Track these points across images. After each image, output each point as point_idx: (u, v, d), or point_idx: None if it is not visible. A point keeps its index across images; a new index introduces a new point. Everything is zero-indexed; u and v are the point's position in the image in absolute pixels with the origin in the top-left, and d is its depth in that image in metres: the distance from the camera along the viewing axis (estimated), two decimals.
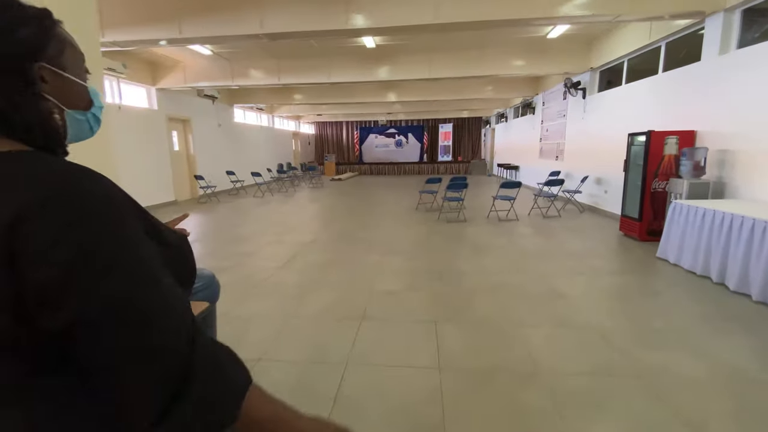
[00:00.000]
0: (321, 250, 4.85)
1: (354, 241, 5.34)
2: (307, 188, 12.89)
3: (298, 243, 5.22)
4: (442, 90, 11.64)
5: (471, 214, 7.20)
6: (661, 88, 5.66)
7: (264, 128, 15.05)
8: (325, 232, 5.96)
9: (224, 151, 11.87)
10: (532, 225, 6.25)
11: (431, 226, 6.27)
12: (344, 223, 6.71)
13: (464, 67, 8.07)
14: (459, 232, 5.80)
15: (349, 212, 7.89)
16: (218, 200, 9.81)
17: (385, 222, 6.70)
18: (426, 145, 20.30)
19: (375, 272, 3.94)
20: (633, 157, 5.35)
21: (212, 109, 11.29)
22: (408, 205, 8.53)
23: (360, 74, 8.33)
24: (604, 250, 4.76)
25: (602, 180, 7.25)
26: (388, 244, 5.08)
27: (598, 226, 6.16)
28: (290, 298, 3.29)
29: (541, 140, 10.87)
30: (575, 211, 7.50)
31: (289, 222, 6.82)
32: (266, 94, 12.15)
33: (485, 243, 5.10)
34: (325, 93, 12.05)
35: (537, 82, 11.11)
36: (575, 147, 8.60)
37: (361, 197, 10.41)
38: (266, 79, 8.61)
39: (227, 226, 6.51)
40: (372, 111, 16.07)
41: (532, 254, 4.55)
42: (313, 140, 21.28)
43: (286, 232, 5.92)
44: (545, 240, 5.25)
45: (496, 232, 5.73)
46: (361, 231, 5.99)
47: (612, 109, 7.03)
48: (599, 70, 7.75)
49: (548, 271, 3.93)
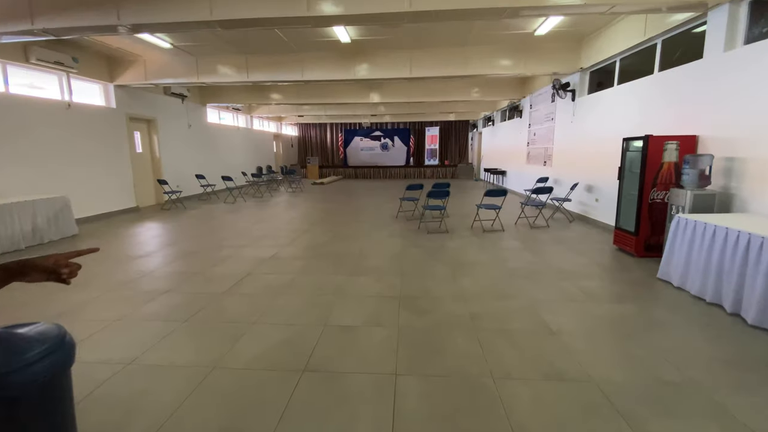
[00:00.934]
0: (279, 269, 4.23)
1: (321, 256, 4.73)
2: (285, 193, 12.23)
3: (256, 259, 4.59)
4: (426, 91, 11.14)
5: (454, 224, 6.66)
6: (658, 89, 5.20)
7: (241, 130, 14.34)
8: (291, 245, 5.34)
9: (195, 154, 11.14)
10: (519, 237, 5.73)
11: (409, 237, 5.70)
12: (315, 234, 6.10)
13: (447, 67, 7.55)
14: (439, 245, 5.24)
15: (324, 221, 7.28)
16: (184, 206, 9.09)
17: (361, 233, 6.11)
18: (412, 149, 19.80)
19: (335, 299, 3.34)
20: (628, 164, 4.88)
21: (182, 109, 10.57)
22: (388, 213, 7.96)
23: (336, 72, 7.74)
24: (598, 268, 4.25)
25: (593, 188, 6.79)
26: (359, 261, 4.49)
27: (590, 238, 5.68)
28: (220, 339, 2.67)
29: (528, 145, 10.43)
30: (564, 220, 7.03)
31: (253, 232, 6.18)
32: (241, 93, 11.47)
33: (467, 259, 4.55)
34: (304, 93, 11.43)
35: (524, 84, 10.69)
36: (564, 152, 8.15)
37: (341, 203, 9.80)
38: (235, 76, 7.95)
39: (181, 239, 5.84)
40: (356, 112, 15.50)
41: (519, 274, 4.01)
42: (296, 142, 20.60)
43: (245, 246, 5.28)
44: (533, 255, 4.72)
45: (480, 246, 5.18)
46: (331, 244, 5.38)
47: (603, 111, 6.59)
48: (589, 71, 7.32)
49: (537, 296, 3.38)
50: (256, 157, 15.48)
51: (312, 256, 4.76)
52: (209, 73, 8.00)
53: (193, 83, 8.28)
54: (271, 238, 5.73)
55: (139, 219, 7.58)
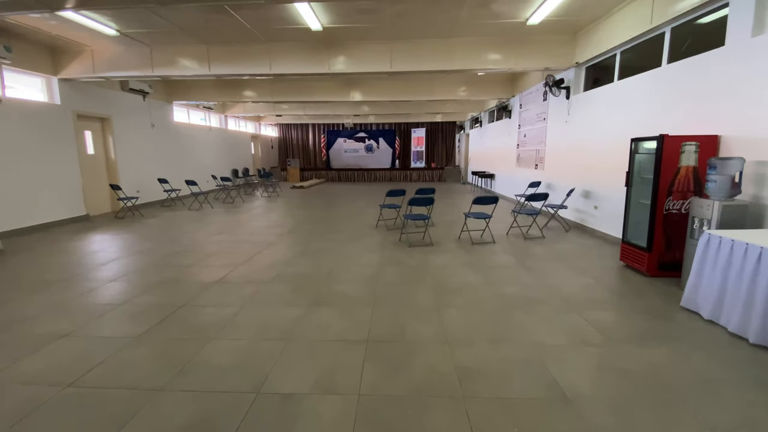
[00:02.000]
0: (222, 299, 3.44)
1: (280, 279, 3.95)
2: (260, 198, 11.36)
3: (197, 285, 3.78)
4: (410, 90, 10.45)
5: (439, 234, 5.95)
6: (667, 84, 4.59)
7: (215, 130, 13.41)
8: (247, 264, 4.54)
9: (159, 156, 10.20)
10: (513, 250, 5.05)
11: (388, 252, 4.96)
12: (280, 248, 5.31)
13: (431, 61, 6.86)
14: (421, 262, 4.52)
15: (295, 231, 6.48)
16: (141, 215, 8.17)
17: (334, 246, 5.34)
18: (398, 151, 19.11)
19: (282, 346, 2.58)
20: (637, 169, 4.24)
21: (143, 107, 9.64)
22: (368, 221, 7.20)
23: (309, 65, 6.97)
24: (609, 293, 3.58)
25: (591, 194, 6.18)
26: (325, 285, 3.72)
27: (592, 252, 5.03)
28: (97, 426, 1.88)
29: (518, 147, 9.82)
30: (560, 229, 6.40)
31: (207, 247, 5.35)
32: (211, 90, 10.59)
33: (453, 282, 3.83)
34: (279, 90, 10.62)
35: (513, 82, 10.10)
36: (557, 154, 7.54)
37: (318, 209, 9.01)
38: (195, 69, 7.11)
39: (120, 256, 4.97)
40: (338, 112, 14.72)
41: (516, 302, 3.30)
42: (276, 144, 19.69)
43: (192, 265, 4.46)
44: (530, 276, 4.03)
45: (468, 263, 4.48)
46: (297, 261, 4.60)
47: (602, 110, 5.98)
48: (585, 66, 6.72)
49: (541, 337, 2.68)
50: (231, 159, 14.55)
51: (269, 279, 3.97)
52: (166, 65, 7.14)
53: (147, 77, 7.39)
54: (226, 255, 4.91)
55: (83, 230, 6.65)
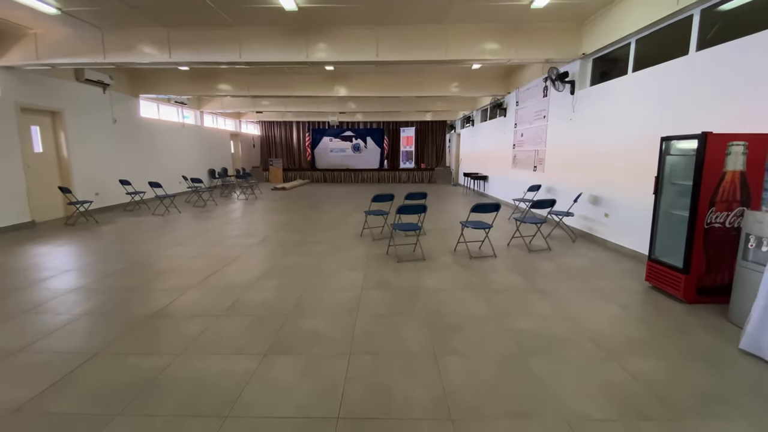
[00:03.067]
0: (150, 345, 2.63)
1: (235, 312, 3.16)
2: (236, 201, 10.48)
3: (124, 321, 2.97)
4: (399, 85, 9.72)
5: (432, 245, 5.22)
6: (696, 74, 3.95)
7: (188, 127, 12.45)
8: (199, 288, 3.74)
9: (123, 155, 9.24)
10: (518, 267, 4.36)
11: (373, 270, 4.21)
12: (244, 265, 4.51)
13: (422, 50, 6.13)
14: (412, 284, 3.78)
15: (267, 242, 5.68)
16: (96, 221, 7.24)
17: (310, 262, 4.57)
18: (386, 150, 18.37)
19: (214, 429, 1.80)
20: (668, 173, 3.58)
21: (103, 100, 8.68)
22: (353, 229, 6.44)
23: (284, 52, 6.17)
24: (646, 328, 2.89)
25: (600, 200, 5.54)
26: (290, 322, 2.95)
27: (608, 268, 4.37)
28: None
29: (514, 147, 9.18)
30: (565, 239, 5.74)
31: (158, 264, 4.52)
32: (181, 82, 9.66)
33: (452, 313, 3.10)
34: (257, 83, 9.77)
35: (509, 77, 9.46)
36: (560, 155, 6.90)
37: (298, 215, 8.21)
38: (154, 56, 6.24)
39: (45, 276, 4.10)
40: (323, 109, 13.89)
41: (535, 344, 2.59)
42: (259, 142, 18.74)
43: (129, 289, 3.63)
44: (545, 302, 3.33)
45: (469, 285, 3.76)
46: (261, 285, 3.81)
47: (614, 106, 5.34)
48: (592, 58, 6.08)
49: (577, 403, 1.96)
50: (208, 158, 13.60)
51: (221, 311, 3.18)
52: (120, 50, 6.25)
53: (99, 64, 6.48)
54: (178, 274, 4.09)
55: (21, 240, 5.73)
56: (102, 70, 8.33)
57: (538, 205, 5.01)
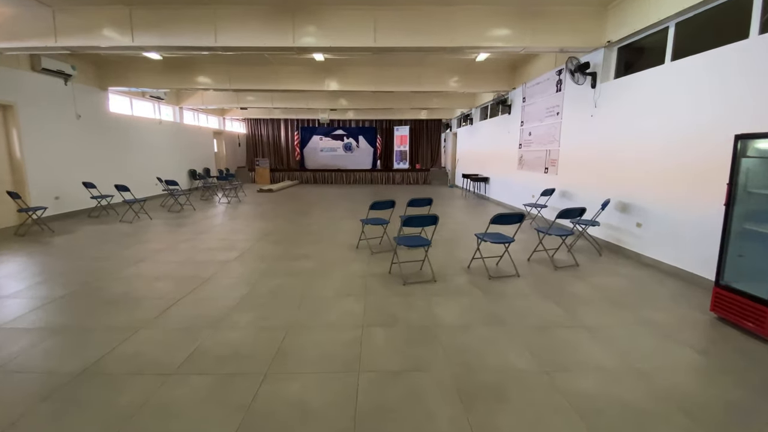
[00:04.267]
0: (50, 429, 1.82)
1: (192, 367, 2.36)
2: (218, 204, 9.59)
3: (42, 380, 2.14)
4: (395, 79, 8.96)
5: (441, 261, 4.47)
6: (761, 61, 3.28)
7: (166, 124, 11.49)
8: (152, 327, 2.92)
9: (89, 155, 8.28)
10: (548, 290, 3.63)
11: (375, 295, 3.44)
12: (216, 290, 3.69)
13: (425, 34, 5.37)
14: (425, 317, 3.02)
15: (246, 257, 4.86)
16: (51, 230, 6.31)
17: (296, 285, 3.78)
18: (379, 150, 17.58)
19: None
20: (744, 180, 2.88)
21: (65, 93, 7.72)
22: (348, 239, 5.65)
23: (268, 36, 5.35)
24: (742, 386, 2.17)
25: (630, 207, 4.86)
26: (266, 386, 2.16)
27: (653, 289, 3.67)
28: None
29: (520, 147, 8.50)
30: (589, 251, 5.05)
31: (106, 288, 3.67)
32: (155, 73, 8.73)
33: (485, 365, 2.34)
34: (240, 75, 8.89)
35: (515, 71, 8.77)
36: (577, 156, 6.22)
37: (285, 221, 7.39)
38: (113, 39, 5.35)
39: None
40: (312, 106, 13.05)
41: (608, 422, 1.85)
42: (245, 141, 17.78)
43: (61, 330, 2.79)
44: (598, 344, 2.60)
45: (496, 319, 3.01)
46: (232, 322, 3.01)
47: (647, 100, 4.66)
48: (618, 47, 5.41)
49: None
50: (188, 158, 12.64)
51: (175, 366, 2.37)
52: (74, 33, 5.35)
53: (51, 49, 5.57)
54: (129, 306, 3.26)
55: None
56: (62, 59, 7.39)
57: (565, 215, 4.30)
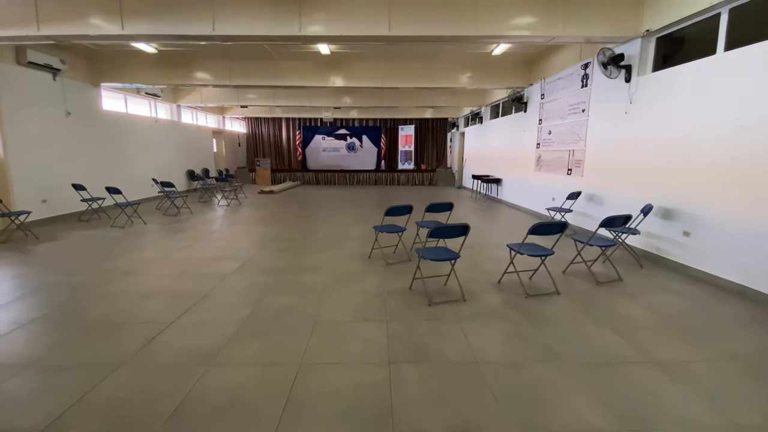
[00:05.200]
0: None
1: (173, 429, 1.86)
2: (216, 207, 9.10)
3: None
4: (405, 74, 8.46)
5: (466, 273, 3.95)
6: None
7: (162, 123, 10.99)
8: (130, 367, 2.42)
9: (79, 155, 7.79)
10: (596, 312, 3.13)
11: (397, 318, 2.94)
12: (211, 310, 3.20)
13: (444, 22, 4.88)
14: (462, 350, 2.52)
15: (244, 270, 4.37)
16: (35, 236, 5.81)
17: (302, 306, 3.28)
18: (384, 150, 17.08)
19: None
20: None
21: (54, 89, 7.22)
22: (357, 247, 5.15)
23: (271, 24, 4.85)
24: None
25: (675, 213, 4.36)
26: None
27: (716, 310, 3.17)
28: None
29: (538, 146, 8.00)
30: (627, 262, 4.55)
31: (93, 307, 3.17)
32: (151, 69, 8.24)
33: (551, 422, 1.85)
34: (240, 71, 8.40)
35: (532, 66, 8.28)
36: (607, 156, 5.72)
37: (287, 226, 6.89)
38: (101, 28, 4.85)
39: None
40: (315, 104, 12.54)
41: None
42: (245, 141, 17.29)
43: (20, 369, 2.29)
44: (682, 390, 2.10)
45: (550, 354, 2.50)
46: (229, 356, 2.51)
47: (697, 95, 4.15)
48: (656, 36, 4.91)
49: None
50: (187, 158, 12.14)
51: (162, 419, 1.87)
52: (58, 21, 4.86)
53: (32, 38, 5.06)
54: (109, 334, 2.75)
55: None
56: (50, 52, 6.90)
57: (609, 224, 3.79)
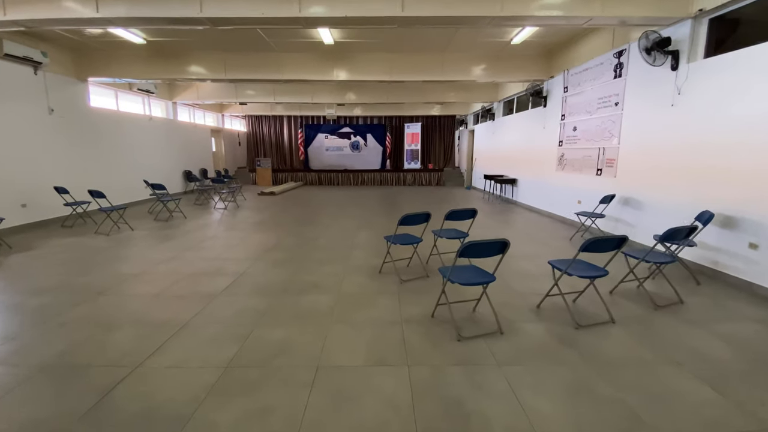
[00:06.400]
0: None
1: None
2: (213, 210, 8.51)
3: None
4: (414, 67, 7.83)
5: (497, 296, 3.32)
6: None
7: (157, 121, 10.41)
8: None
9: (64, 155, 7.22)
10: (666, 348, 2.50)
11: (420, 361, 2.32)
12: (190, 347, 2.60)
13: (464, 1, 4.26)
14: (509, 410, 1.90)
15: (236, 289, 3.77)
16: (8, 246, 5.24)
17: (306, 342, 2.67)
18: (389, 149, 16.44)
19: None
20: None
21: (35, 84, 6.65)
22: (366, 259, 4.54)
23: (265, 5, 4.24)
24: None
25: (739, 222, 3.72)
26: None
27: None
28: None
29: (561, 144, 7.35)
30: (682, 277, 3.91)
31: (52, 339, 2.57)
32: (141, 62, 7.66)
33: None
34: (237, 64, 7.80)
35: (553, 57, 7.63)
36: (646, 155, 5.07)
37: (287, 232, 6.28)
38: (75, 11, 4.27)
39: None
40: (318, 100, 11.92)
41: None
42: (245, 140, 16.71)
43: None
44: None
45: (626, 417, 1.88)
46: (207, 423, 1.91)
47: (762, 83, 3.52)
48: (709, 17, 4.26)
49: None
50: (183, 158, 11.57)
51: None
52: (25, 3, 4.27)
53: (0, 24, 4.49)
54: (58, 384, 2.15)
55: None
56: (29, 43, 6.32)
57: (670, 238, 3.16)
